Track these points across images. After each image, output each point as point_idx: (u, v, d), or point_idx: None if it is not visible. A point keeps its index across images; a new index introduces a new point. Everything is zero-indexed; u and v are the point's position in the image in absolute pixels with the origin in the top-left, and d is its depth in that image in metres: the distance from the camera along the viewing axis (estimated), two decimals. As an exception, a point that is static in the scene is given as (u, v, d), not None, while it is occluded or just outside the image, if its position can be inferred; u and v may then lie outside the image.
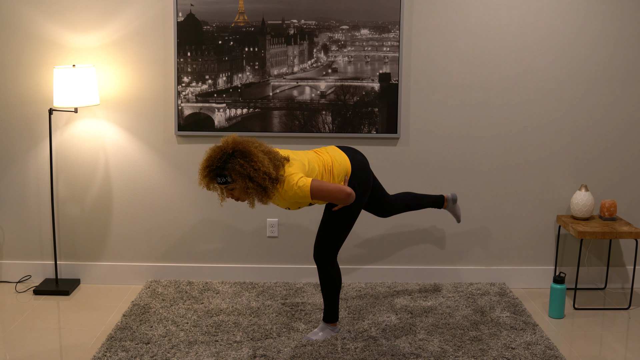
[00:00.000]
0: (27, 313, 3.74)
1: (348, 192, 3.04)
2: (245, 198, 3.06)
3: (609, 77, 4.01)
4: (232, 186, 3.00)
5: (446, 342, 3.37)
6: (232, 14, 3.92)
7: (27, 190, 4.11)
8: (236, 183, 2.98)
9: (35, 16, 3.92)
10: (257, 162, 2.95)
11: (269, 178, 2.97)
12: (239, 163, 2.94)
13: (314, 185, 3.01)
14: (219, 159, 2.96)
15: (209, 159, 2.99)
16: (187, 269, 4.20)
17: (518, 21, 3.95)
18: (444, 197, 3.76)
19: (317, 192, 3.02)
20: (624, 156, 4.11)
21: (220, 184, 3.01)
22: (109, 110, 4.03)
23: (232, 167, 2.94)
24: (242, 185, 2.97)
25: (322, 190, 3.03)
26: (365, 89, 3.99)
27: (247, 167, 2.93)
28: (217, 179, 2.99)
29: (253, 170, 2.93)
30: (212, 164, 2.98)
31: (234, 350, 3.26)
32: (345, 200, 3.06)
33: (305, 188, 3.00)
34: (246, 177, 2.94)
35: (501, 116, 4.05)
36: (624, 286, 4.26)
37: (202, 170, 3.02)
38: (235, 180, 2.96)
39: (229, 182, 2.98)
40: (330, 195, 3.04)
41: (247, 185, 2.95)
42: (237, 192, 3.03)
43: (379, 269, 4.21)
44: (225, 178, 2.97)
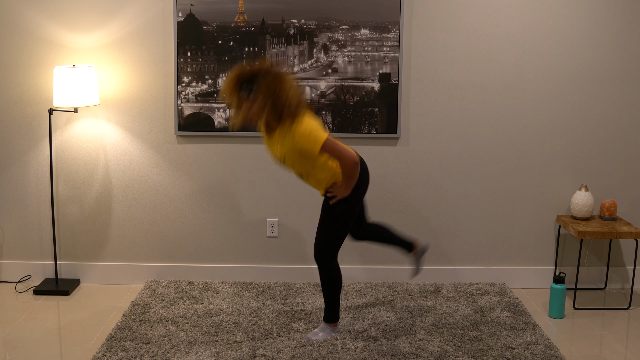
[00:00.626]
0: (27, 313, 3.74)
1: (356, 160, 3.07)
2: (257, 119, 3.10)
3: (609, 77, 4.02)
4: (252, 100, 3.04)
5: (446, 342, 3.37)
6: (232, 14, 3.93)
7: (27, 190, 4.11)
8: (257, 100, 3.03)
9: (35, 16, 3.92)
10: (285, 86, 3.04)
11: (289, 105, 3.03)
12: (268, 80, 3.02)
13: (328, 141, 3.04)
14: (250, 71, 3.07)
15: (241, 69, 3.09)
16: (187, 269, 4.20)
17: (518, 21, 3.95)
18: (414, 244, 3.66)
19: (330, 146, 3.04)
20: (624, 156, 4.11)
21: (242, 91, 3.05)
22: (109, 110, 4.03)
23: (260, 80, 3.02)
24: (262, 101, 3.02)
25: (335, 148, 3.05)
26: (365, 89, 3.99)
27: (273, 85, 3.01)
28: (242, 91, 3.05)
29: (279, 90, 3.02)
30: (242, 73, 3.07)
31: (234, 350, 3.26)
32: (350, 169, 3.07)
33: (320, 138, 3.03)
34: (269, 96, 3.01)
35: (501, 116, 4.05)
36: (624, 286, 4.26)
37: (230, 77, 3.09)
38: (258, 93, 3.02)
39: (251, 96, 3.04)
40: (339, 155, 3.06)
41: (266, 101, 3.01)
42: (255, 108, 3.06)
43: (379, 269, 4.21)
44: (250, 91, 3.04)
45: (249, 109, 3.08)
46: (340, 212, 3.26)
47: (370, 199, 4.09)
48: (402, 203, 4.14)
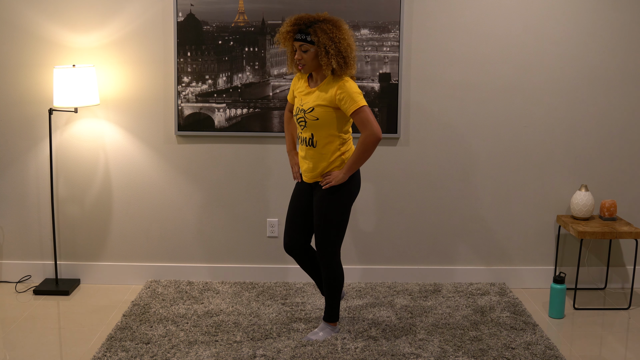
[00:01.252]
0: (27, 313, 3.74)
1: (380, 137, 3.07)
2: (312, 66, 3.09)
3: (609, 77, 4.02)
4: (307, 47, 3.04)
5: (446, 342, 3.37)
6: (232, 14, 3.93)
7: (27, 190, 4.11)
8: (316, 45, 3.02)
9: (35, 16, 3.92)
10: (345, 34, 3.05)
11: (350, 51, 3.05)
12: (328, 27, 3.02)
13: (367, 108, 3.06)
14: (308, 17, 3.06)
15: (300, 15, 3.09)
16: (187, 269, 4.20)
17: (518, 21, 3.95)
18: None
19: (364, 113, 3.04)
20: (624, 156, 4.11)
21: (297, 40, 3.04)
22: (109, 110, 4.03)
23: (319, 27, 3.01)
24: (324, 44, 3.00)
25: (368, 117, 3.05)
26: (365, 89, 3.99)
27: (334, 31, 3.01)
28: (299, 34, 3.04)
29: (339, 37, 3.01)
30: (301, 19, 3.06)
31: (234, 350, 3.26)
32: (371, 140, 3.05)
33: (361, 101, 3.04)
34: (330, 39, 3.00)
35: (501, 116, 4.05)
36: (624, 286, 4.26)
37: (288, 22, 3.08)
38: (319, 39, 3.01)
39: (309, 40, 3.02)
40: (367, 125, 3.05)
41: (329, 45, 2.99)
42: (309, 55, 3.06)
43: (379, 269, 4.21)
44: (307, 36, 3.02)
45: (302, 59, 3.08)
46: (338, 210, 3.22)
47: (370, 199, 4.10)
48: (402, 203, 4.14)
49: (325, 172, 3.21)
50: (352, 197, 3.25)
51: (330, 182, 3.17)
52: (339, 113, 3.12)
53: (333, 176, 3.17)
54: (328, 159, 3.18)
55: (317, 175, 3.24)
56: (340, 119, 3.14)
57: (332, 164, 3.19)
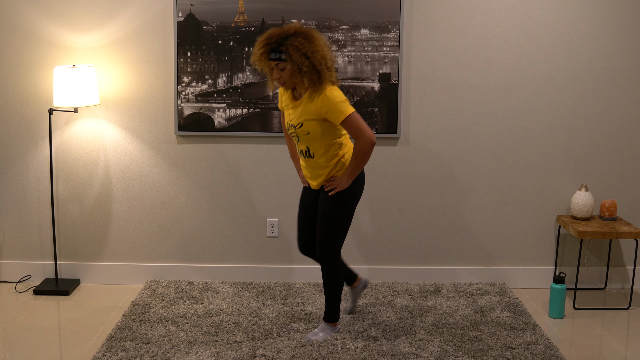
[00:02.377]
0: (27, 313, 3.74)
1: (374, 142, 3.02)
2: (292, 82, 3.04)
3: (609, 77, 4.02)
4: (283, 65, 2.98)
5: (446, 342, 3.37)
6: (232, 14, 3.93)
7: (27, 190, 4.11)
8: (290, 61, 2.96)
9: (35, 16, 3.92)
10: (318, 46, 2.96)
11: (325, 64, 2.97)
12: (299, 41, 2.94)
13: (355, 114, 3.01)
14: (279, 34, 2.97)
15: (269, 34, 3.00)
16: (187, 269, 4.20)
17: (518, 21, 3.95)
18: (357, 277, 3.63)
19: (353, 120, 3.00)
20: (624, 156, 4.11)
21: (272, 59, 2.99)
22: (109, 110, 4.03)
23: (290, 43, 2.94)
24: (298, 61, 2.94)
25: (358, 123, 3.01)
26: (365, 89, 3.99)
27: (306, 46, 2.94)
28: (272, 54, 2.98)
29: (311, 51, 2.94)
30: (271, 37, 2.98)
31: (234, 350, 3.26)
32: (364, 150, 3.02)
33: (347, 108, 3.00)
34: (303, 55, 2.93)
35: (501, 116, 4.05)
36: (624, 286, 4.26)
37: (259, 44, 3.01)
38: (291, 57, 2.95)
39: (283, 59, 2.96)
40: (359, 133, 3.01)
41: (302, 62, 2.93)
42: (287, 72, 3.00)
43: (379, 269, 4.21)
44: (281, 54, 2.96)
45: (281, 77, 3.03)
46: (341, 210, 3.24)
47: (370, 199, 4.10)
48: (402, 203, 4.14)
49: (328, 177, 3.22)
50: (355, 199, 3.27)
51: (335, 189, 3.19)
52: (329, 123, 3.10)
53: (337, 182, 3.18)
54: (328, 165, 3.20)
55: (320, 182, 3.25)
56: (332, 128, 3.12)
57: (334, 169, 3.21)
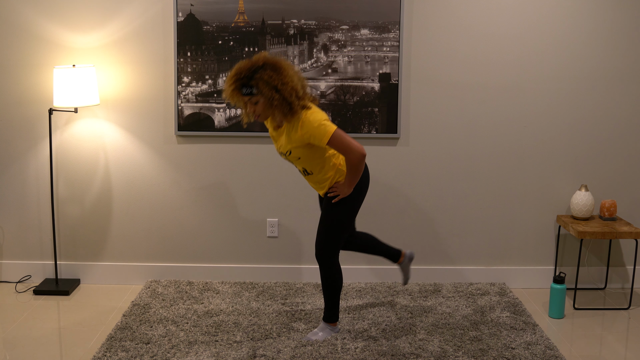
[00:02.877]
0: (27, 313, 3.74)
1: (364, 154, 3.02)
2: (267, 114, 3.02)
3: (609, 77, 4.02)
4: (256, 99, 2.97)
5: (446, 342, 3.37)
6: (232, 14, 3.93)
7: (27, 190, 4.11)
8: (262, 95, 2.94)
9: (35, 16, 3.92)
10: (287, 77, 2.94)
11: (296, 94, 2.95)
12: (268, 74, 2.92)
13: (337, 132, 2.99)
14: (247, 68, 2.95)
15: (238, 69, 2.97)
16: (187, 269, 4.20)
17: (518, 21, 3.95)
18: (401, 252, 3.68)
19: (337, 139, 2.99)
20: (624, 156, 4.11)
21: (244, 94, 2.97)
22: (109, 110, 4.03)
23: (260, 77, 2.92)
24: (268, 96, 2.93)
25: (342, 140, 3.00)
26: (365, 89, 3.99)
27: (275, 78, 2.91)
28: (243, 89, 2.97)
29: (281, 83, 2.91)
30: (240, 73, 2.96)
31: (234, 350, 3.26)
32: (357, 161, 3.03)
33: (328, 129, 2.98)
34: (273, 89, 2.91)
35: (501, 116, 4.05)
36: (624, 286, 4.26)
37: (229, 80, 2.99)
38: (261, 91, 2.93)
39: (253, 93, 2.95)
40: (347, 149, 3.01)
41: (273, 96, 2.91)
42: (260, 106, 2.99)
43: (379, 269, 4.21)
44: (252, 89, 2.95)
45: (256, 111, 3.02)
46: (342, 211, 3.25)
47: (370, 199, 4.09)
48: (402, 203, 4.14)
49: (332, 184, 3.24)
50: (358, 200, 3.28)
51: (338, 196, 3.21)
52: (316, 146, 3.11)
53: (339, 190, 3.20)
54: (327, 177, 3.22)
55: (326, 190, 3.28)
56: (320, 147, 3.13)
57: (335, 177, 3.23)
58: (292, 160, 3.18)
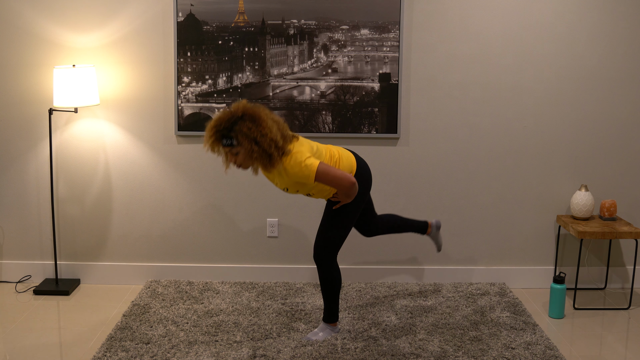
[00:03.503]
0: (27, 313, 3.74)
1: (353, 181, 3.02)
2: (248, 164, 3.03)
3: (609, 77, 4.02)
4: (236, 150, 2.97)
5: (446, 342, 3.37)
6: (232, 14, 3.93)
7: (27, 190, 4.11)
8: (241, 146, 2.95)
9: (35, 16, 3.92)
10: (265, 128, 2.93)
11: (275, 145, 2.94)
12: (247, 126, 2.92)
13: (321, 168, 2.99)
14: (227, 120, 2.95)
15: (217, 120, 2.97)
16: (187, 269, 4.20)
17: (518, 21, 3.95)
18: (428, 223, 3.75)
19: (323, 174, 2.99)
20: (624, 156, 4.11)
21: (225, 145, 2.98)
22: (109, 110, 4.03)
23: (239, 129, 2.92)
24: (247, 148, 2.93)
25: (328, 174, 3.00)
26: (365, 89, 3.99)
27: (254, 130, 2.91)
28: (223, 140, 2.97)
29: (260, 135, 2.91)
30: (219, 124, 2.96)
31: (234, 350, 3.26)
32: (348, 190, 3.04)
33: (312, 167, 2.98)
34: (252, 141, 2.91)
35: (501, 116, 4.05)
36: (624, 286, 4.26)
37: (209, 131, 2.99)
38: (241, 143, 2.93)
39: (234, 144, 2.95)
40: (335, 181, 3.01)
41: (252, 149, 2.92)
42: (241, 156, 2.99)
43: (379, 269, 4.21)
44: (231, 140, 2.95)
45: (237, 161, 3.02)
46: (343, 213, 3.26)
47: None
48: (402, 203, 4.14)
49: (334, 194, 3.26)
50: (361, 201, 3.29)
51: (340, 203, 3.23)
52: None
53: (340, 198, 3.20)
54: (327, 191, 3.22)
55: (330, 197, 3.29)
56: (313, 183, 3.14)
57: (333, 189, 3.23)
58: (291, 194, 3.20)
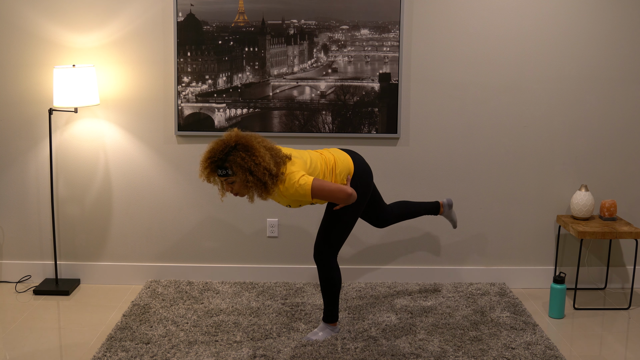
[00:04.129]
0: (27, 313, 3.74)
1: (349, 192, 3.05)
2: (244, 193, 3.06)
3: (609, 77, 4.01)
4: (232, 179, 3.01)
5: (446, 342, 3.37)
6: (232, 14, 3.93)
7: (27, 190, 4.11)
8: (237, 176, 2.99)
9: (35, 16, 3.92)
10: (259, 157, 2.96)
11: (269, 174, 2.98)
12: (241, 156, 2.95)
13: (315, 185, 3.02)
14: (221, 151, 2.98)
15: (211, 151, 3.01)
16: (187, 269, 4.20)
17: (518, 21, 3.95)
18: (439, 203, 3.76)
19: (318, 191, 3.03)
20: (624, 156, 4.11)
21: (220, 176, 3.02)
22: (109, 110, 4.03)
23: (233, 160, 2.95)
24: (242, 178, 2.97)
25: (323, 190, 3.04)
26: (365, 89, 3.99)
27: (248, 160, 2.94)
28: (218, 171, 3.01)
29: (254, 164, 2.95)
30: (214, 155, 2.99)
31: (234, 350, 3.26)
32: (345, 200, 3.08)
33: (306, 187, 3.01)
34: (247, 171, 2.95)
35: (501, 116, 4.05)
36: (624, 286, 4.26)
37: (204, 162, 3.03)
38: (235, 173, 2.97)
39: (229, 174, 2.99)
40: (331, 195, 3.05)
41: (247, 179, 2.96)
42: (237, 185, 3.03)
43: (379, 269, 4.21)
44: (226, 170, 2.98)
45: (233, 189, 3.06)
46: (344, 214, 3.27)
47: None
48: (402, 203, 4.14)
49: None
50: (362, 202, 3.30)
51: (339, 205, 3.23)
52: None
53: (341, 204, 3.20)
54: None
55: None
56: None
57: None
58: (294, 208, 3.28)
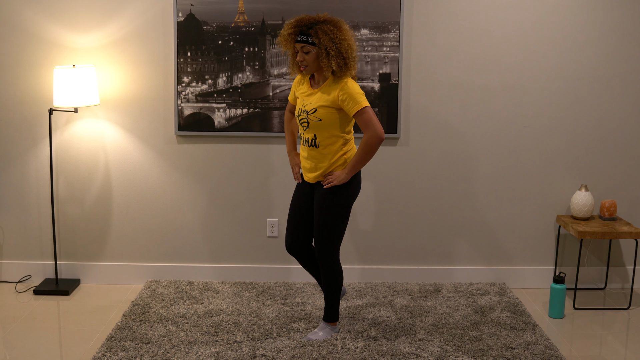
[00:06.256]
0: (27, 313, 3.74)
1: (382, 138, 3.09)
2: (314, 67, 3.11)
3: (609, 77, 4.02)
4: (309, 48, 3.06)
5: (446, 342, 3.37)
6: (232, 14, 3.93)
7: (27, 190, 4.11)
8: (316, 47, 3.05)
9: (35, 16, 3.92)
10: (346, 34, 3.07)
11: (351, 52, 3.06)
12: (329, 28, 3.04)
13: (369, 108, 3.07)
14: (309, 19, 3.07)
15: (301, 17, 3.10)
16: (187, 269, 4.20)
17: (518, 21, 3.95)
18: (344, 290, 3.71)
19: (367, 113, 3.06)
20: (624, 156, 4.11)
21: (299, 42, 3.07)
22: (109, 110, 4.03)
23: (320, 28, 3.03)
24: (325, 45, 3.02)
25: (370, 117, 3.07)
26: (365, 89, 3.98)
27: (335, 33, 3.03)
28: (300, 36, 3.06)
29: (339, 38, 3.03)
30: (301, 22, 3.07)
31: (234, 350, 3.26)
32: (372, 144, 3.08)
33: (363, 101, 3.06)
34: (331, 40, 3.02)
35: (501, 116, 4.06)
36: (624, 286, 4.26)
37: (289, 26, 3.10)
38: (319, 40, 3.03)
39: (310, 42, 3.04)
40: (370, 125, 3.07)
41: (330, 47, 3.01)
42: (311, 56, 3.08)
43: (379, 269, 4.21)
44: (309, 37, 3.05)
45: (304, 61, 3.10)
46: (337, 209, 3.22)
47: (370, 199, 4.10)
48: (402, 203, 4.14)
49: (328, 172, 3.21)
50: (352, 198, 3.25)
51: (332, 182, 3.17)
52: (342, 114, 3.13)
53: (335, 176, 3.17)
54: (330, 159, 3.18)
55: (319, 175, 3.23)
56: (343, 120, 3.15)
57: (335, 164, 3.19)
58: (310, 121, 3.13)
